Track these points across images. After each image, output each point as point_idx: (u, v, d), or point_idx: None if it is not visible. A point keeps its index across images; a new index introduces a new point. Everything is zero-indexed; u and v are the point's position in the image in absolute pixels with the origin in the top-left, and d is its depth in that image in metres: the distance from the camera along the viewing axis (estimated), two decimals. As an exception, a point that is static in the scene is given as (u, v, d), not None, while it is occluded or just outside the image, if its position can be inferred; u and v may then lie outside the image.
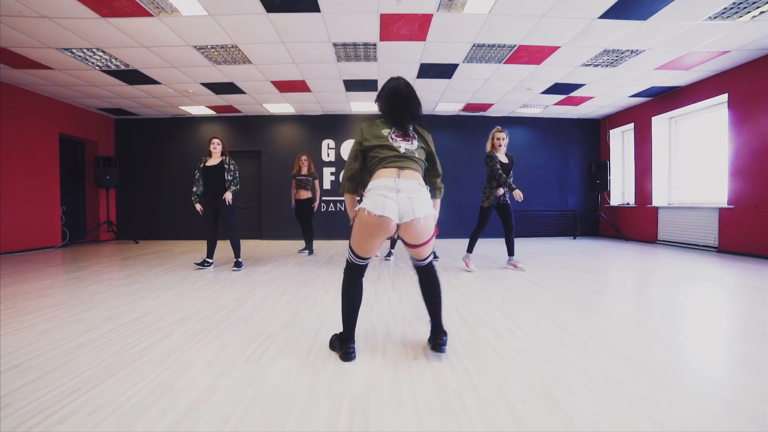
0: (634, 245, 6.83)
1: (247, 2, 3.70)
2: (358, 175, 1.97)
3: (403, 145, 1.89)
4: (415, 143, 1.94)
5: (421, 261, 1.98)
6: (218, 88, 6.32)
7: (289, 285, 3.70)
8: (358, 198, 1.93)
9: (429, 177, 2.07)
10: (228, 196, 4.30)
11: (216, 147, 4.39)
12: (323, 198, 8.15)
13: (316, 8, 3.81)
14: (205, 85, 6.16)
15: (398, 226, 1.80)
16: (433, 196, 2.05)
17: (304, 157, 5.73)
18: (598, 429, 1.30)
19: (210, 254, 4.46)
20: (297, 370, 1.77)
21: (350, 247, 1.93)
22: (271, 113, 8.07)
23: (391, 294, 3.27)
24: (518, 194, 3.89)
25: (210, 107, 7.54)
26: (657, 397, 1.50)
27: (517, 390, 1.56)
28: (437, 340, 1.92)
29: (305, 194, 5.64)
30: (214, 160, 4.38)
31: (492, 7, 3.85)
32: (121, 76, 5.69)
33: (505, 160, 4.27)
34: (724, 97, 5.67)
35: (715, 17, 4.01)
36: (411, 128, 1.96)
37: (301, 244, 6.64)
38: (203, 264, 4.45)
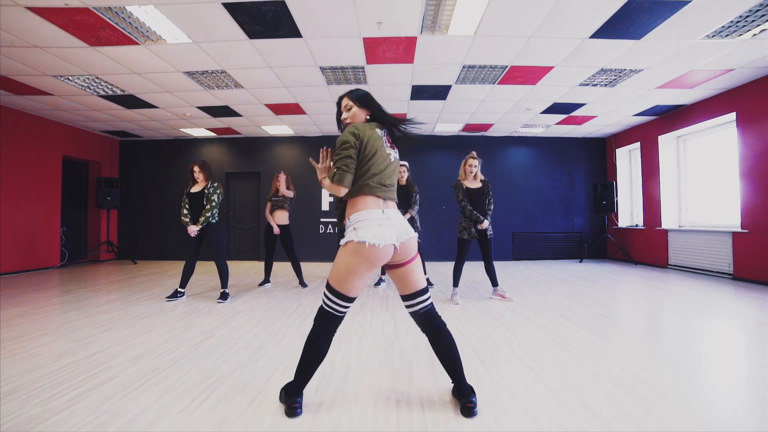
0: (644, 270, 6.47)
1: (229, 30, 3.70)
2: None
3: (392, 153, 1.80)
4: (396, 152, 1.86)
5: (419, 299, 1.74)
6: (215, 111, 6.38)
7: (266, 314, 3.56)
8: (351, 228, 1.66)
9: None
10: (192, 228, 4.06)
11: (198, 174, 4.21)
12: (321, 219, 8.08)
13: (297, 33, 3.79)
14: (202, 108, 6.21)
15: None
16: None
17: (282, 176, 5.04)
18: None
19: (183, 284, 4.20)
20: (230, 424, 1.62)
21: (331, 291, 1.67)
22: (270, 135, 8.10)
23: (366, 329, 3.09)
24: (482, 225, 4.00)
25: (210, 129, 7.62)
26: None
27: None
28: (466, 403, 1.67)
29: (282, 217, 4.92)
30: (197, 187, 4.21)
31: (477, 28, 3.76)
32: (119, 101, 5.78)
33: (476, 185, 4.12)
34: (732, 116, 5.41)
35: (714, 36, 3.82)
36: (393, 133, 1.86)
37: (262, 275, 5.47)
38: (175, 295, 4.18)
